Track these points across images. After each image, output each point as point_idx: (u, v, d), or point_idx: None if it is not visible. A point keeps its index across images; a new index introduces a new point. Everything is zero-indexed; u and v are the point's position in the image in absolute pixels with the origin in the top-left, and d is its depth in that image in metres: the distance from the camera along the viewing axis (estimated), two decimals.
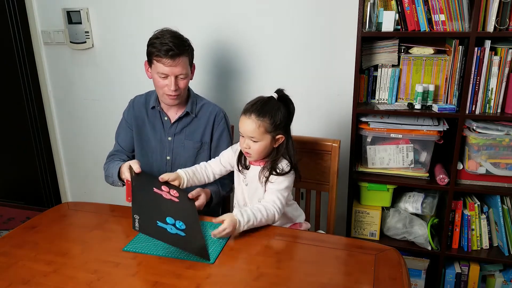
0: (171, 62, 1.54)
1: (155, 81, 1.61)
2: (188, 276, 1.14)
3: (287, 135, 1.42)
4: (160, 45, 1.54)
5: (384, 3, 1.76)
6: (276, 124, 1.36)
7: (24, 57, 2.61)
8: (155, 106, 1.71)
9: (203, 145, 1.72)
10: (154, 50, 1.55)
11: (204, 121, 1.71)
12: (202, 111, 1.72)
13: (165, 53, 1.53)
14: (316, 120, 2.20)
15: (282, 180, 1.41)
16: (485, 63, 1.67)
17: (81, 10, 2.38)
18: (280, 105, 1.39)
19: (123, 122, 1.79)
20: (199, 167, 1.58)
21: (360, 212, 1.98)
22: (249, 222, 1.29)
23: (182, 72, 1.58)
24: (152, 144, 1.74)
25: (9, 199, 3.11)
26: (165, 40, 1.54)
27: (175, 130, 1.71)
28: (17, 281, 1.13)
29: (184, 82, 1.61)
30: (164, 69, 1.55)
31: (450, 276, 1.95)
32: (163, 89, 1.60)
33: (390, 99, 1.86)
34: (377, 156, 1.90)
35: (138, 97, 1.79)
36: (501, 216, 1.82)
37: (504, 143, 1.73)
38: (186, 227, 1.28)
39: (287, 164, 1.42)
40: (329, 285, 1.10)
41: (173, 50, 1.53)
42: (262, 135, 1.36)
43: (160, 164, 1.74)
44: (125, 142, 1.78)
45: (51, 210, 1.57)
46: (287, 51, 2.14)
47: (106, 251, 1.27)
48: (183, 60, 1.57)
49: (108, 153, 1.80)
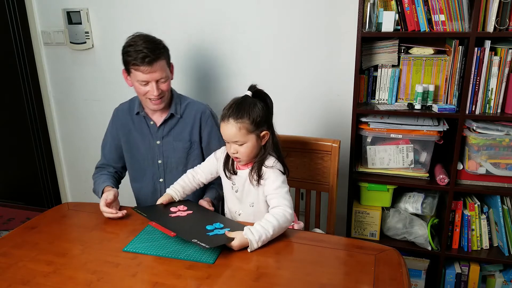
0: (149, 69, 1.52)
1: (137, 89, 1.59)
2: (188, 276, 1.14)
3: (271, 130, 1.40)
4: (135, 53, 1.51)
5: (384, 3, 1.76)
6: (256, 121, 1.33)
7: (24, 57, 2.61)
8: (139, 112, 1.69)
9: (192, 144, 1.70)
10: (130, 59, 1.53)
11: (191, 120, 1.69)
12: (187, 111, 1.70)
13: (142, 61, 1.50)
14: (316, 120, 2.20)
15: (275, 177, 1.37)
16: (485, 63, 1.67)
17: (81, 10, 2.38)
18: (255, 101, 1.36)
19: (108, 135, 1.78)
20: (187, 179, 1.55)
21: (360, 212, 1.98)
22: (261, 237, 1.24)
23: (162, 76, 1.56)
24: (142, 150, 1.72)
25: (9, 199, 3.11)
26: (139, 47, 1.51)
27: (163, 133, 1.69)
28: (17, 281, 1.13)
29: (166, 84, 1.59)
30: (143, 76, 1.53)
31: (450, 276, 1.95)
32: (146, 95, 1.58)
33: (390, 99, 1.86)
34: (377, 156, 1.90)
35: (122, 106, 1.77)
36: (501, 216, 1.82)
37: (504, 143, 1.73)
38: (224, 225, 1.32)
39: (274, 160, 1.40)
40: (329, 285, 1.10)
41: (149, 56, 1.50)
42: (245, 137, 1.34)
43: (152, 169, 1.73)
44: (110, 155, 1.78)
45: (51, 211, 1.57)
46: (287, 51, 2.14)
47: (106, 251, 1.27)
48: (161, 63, 1.55)
49: (96, 164, 1.80)
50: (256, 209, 1.44)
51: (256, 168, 1.39)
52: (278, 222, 1.28)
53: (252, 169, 1.40)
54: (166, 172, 1.72)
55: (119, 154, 1.77)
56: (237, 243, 1.23)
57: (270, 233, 1.26)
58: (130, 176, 1.81)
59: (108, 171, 1.77)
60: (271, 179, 1.38)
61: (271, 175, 1.38)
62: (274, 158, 1.41)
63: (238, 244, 1.23)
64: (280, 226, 1.29)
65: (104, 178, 1.70)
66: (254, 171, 1.39)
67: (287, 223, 1.32)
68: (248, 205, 1.45)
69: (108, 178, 1.70)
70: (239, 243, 1.23)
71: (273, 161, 1.40)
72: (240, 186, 1.45)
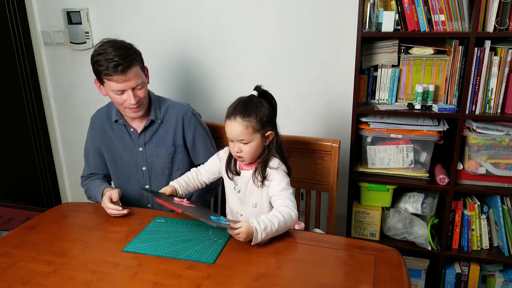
0: (123, 77, 1.44)
1: (112, 99, 1.52)
2: (188, 276, 1.14)
3: (275, 130, 1.40)
4: (105, 62, 1.43)
5: (384, 3, 1.76)
6: (262, 121, 1.34)
7: (24, 57, 2.61)
8: (117, 120, 1.63)
9: (176, 149, 1.65)
10: (101, 68, 1.45)
11: (173, 124, 1.63)
12: (167, 115, 1.64)
13: (114, 70, 1.42)
14: (316, 120, 2.20)
15: (280, 179, 1.38)
16: (485, 63, 1.67)
17: (81, 10, 2.38)
18: (262, 101, 1.36)
19: (89, 144, 1.72)
20: (191, 176, 1.54)
21: (360, 212, 1.98)
22: (266, 229, 1.24)
23: (138, 83, 1.49)
24: (124, 157, 1.67)
25: (9, 200, 3.11)
26: (109, 55, 1.43)
27: (144, 140, 1.64)
28: (17, 281, 1.13)
29: (143, 91, 1.53)
30: (118, 86, 1.46)
31: (450, 276, 1.95)
32: (123, 105, 1.52)
33: (390, 99, 1.86)
34: (377, 156, 1.90)
35: (99, 112, 1.71)
36: (501, 216, 1.82)
37: (504, 143, 1.73)
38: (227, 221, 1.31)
39: (279, 162, 1.40)
40: (329, 285, 1.10)
41: (121, 64, 1.43)
42: (251, 135, 1.33)
43: (137, 176, 1.68)
44: (95, 164, 1.72)
45: (51, 211, 1.57)
46: (287, 51, 2.14)
47: (106, 251, 1.27)
48: (135, 70, 1.47)
49: (82, 173, 1.75)
50: (259, 210, 1.43)
51: (260, 168, 1.39)
52: (284, 219, 1.29)
53: (256, 170, 1.40)
54: (151, 179, 1.68)
55: (104, 161, 1.72)
56: (243, 229, 1.22)
57: (275, 226, 1.26)
58: (114, 184, 1.76)
59: (98, 177, 1.72)
60: (277, 181, 1.38)
61: (277, 177, 1.38)
62: (278, 160, 1.41)
63: (245, 230, 1.22)
64: (285, 223, 1.29)
65: (98, 182, 1.67)
66: (258, 172, 1.39)
67: (292, 222, 1.32)
68: (251, 205, 1.45)
69: (102, 181, 1.67)
70: (245, 229, 1.22)
71: (278, 163, 1.40)
72: (242, 187, 1.44)
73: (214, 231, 1.35)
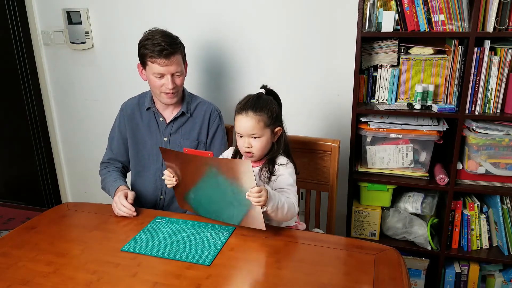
0: (166, 62, 1.55)
1: (152, 82, 1.62)
2: (188, 276, 1.14)
3: (283, 127, 1.43)
4: (152, 45, 1.54)
5: (383, 3, 1.76)
6: (273, 116, 1.37)
7: (24, 57, 2.61)
8: (150, 107, 1.71)
9: (199, 144, 1.72)
10: (147, 51, 1.56)
11: (200, 120, 1.72)
12: (197, 110, 1.73)
13: (159, 53, 1.54)
14: (316, 120, 2.20)
15: (289, 175, 1.39)
16: (485, 63, 1.67)
17: (81, 10, 2.38)
18: (271, 98, 1.41)
19: (116, 130, 1.78)
20: None
21: (360, 212, 1.98)
22: (275, 196, 1.24)
23: (177, 70, 1.59)
24: (148, 145, 1.74)
25: (9, 199, 3.11)
26: (157, 40, 1.54)
27: (171, 130, 1.71)
28: (17, 281, 1.13)
29: (180, 79, 1.63)
30: (160, 69, 1.56)
31: (450, 276, 1.95)
32: (160, 89, 1.61)
33: (389, 99, 1.86)
34: (377, 156, 1.90)
35: (130, 100, 1.78)
36: (500, 216, 1.82)
37: (504, 143, 1.73)
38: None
39: (286, 159, 1.42)
40: (329, 285, 1.10)
41: (166, 49, 1.54)
42: (262, 130, 1.35)
43: (156, 165, 1.73)
44: (118, 150, 1.78)
45: (51, 211, 1.57)
46: (287, 51, 2.14)
47: (106, 251, 1.27)
48: (177, 57, 1.59)
49: (102, 159, 1.80)
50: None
51: (268, 165, 1.40)
52: (288, 204, 1.29)
53: (263, 167, 1.41)
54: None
55: (126, 148, 1.78)
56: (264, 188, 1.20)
57: (282, 201, 1.26)
58: (132, 171, 1.81)
59: (116, 166, 1.77)
60: (285, 176, 1.39)
61: (285, 172, 1.39)
62: (285, 158, 1.43)
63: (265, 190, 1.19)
64: (288, 208, 1.29)
65: (114, 175, 1.71)
66: (265, 169, 1.40)
67: (292, 215, 1.34)
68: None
69: (119, 176, 1.71)
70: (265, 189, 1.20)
71: (286, 160, 1.42)
72: None
73: (212, 232, 1.35)
